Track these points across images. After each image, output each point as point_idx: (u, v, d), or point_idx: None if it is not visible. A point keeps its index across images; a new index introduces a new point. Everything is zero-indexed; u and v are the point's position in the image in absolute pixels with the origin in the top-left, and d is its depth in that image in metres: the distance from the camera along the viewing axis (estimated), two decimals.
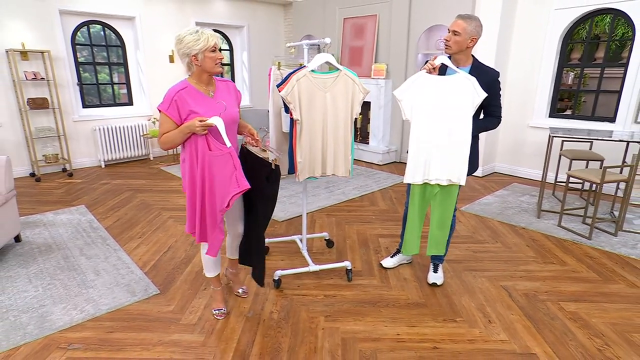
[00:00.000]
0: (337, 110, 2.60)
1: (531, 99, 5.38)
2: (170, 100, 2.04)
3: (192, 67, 2.09)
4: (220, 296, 2.56)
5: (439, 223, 2.58)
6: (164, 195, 4.78)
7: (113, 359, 2.12)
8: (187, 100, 2.06)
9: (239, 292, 2.71)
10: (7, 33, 5.16)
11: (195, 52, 2.02)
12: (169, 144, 2.09)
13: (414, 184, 2.49)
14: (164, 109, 2.05)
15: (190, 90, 2.09)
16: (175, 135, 2.05)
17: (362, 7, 6.53)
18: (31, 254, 3.27)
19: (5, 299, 2.64)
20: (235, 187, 2.12)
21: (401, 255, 3.11)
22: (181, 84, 2.10)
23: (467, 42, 2.42)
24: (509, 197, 4.77)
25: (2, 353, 2.16)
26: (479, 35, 2.45)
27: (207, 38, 2.02)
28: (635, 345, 2.24)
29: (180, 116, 2.06)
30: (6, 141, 5.37)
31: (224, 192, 2.12)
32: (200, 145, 2.05)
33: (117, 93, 6.56)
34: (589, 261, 3.22)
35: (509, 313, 2.53)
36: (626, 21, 4.65)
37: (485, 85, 2.38)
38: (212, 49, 2.05)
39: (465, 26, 2.40)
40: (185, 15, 6.73)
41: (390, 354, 2.16)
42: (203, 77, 2.13)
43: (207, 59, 2.05)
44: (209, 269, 2.48)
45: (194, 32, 2.03)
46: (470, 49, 2.48)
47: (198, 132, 2.00)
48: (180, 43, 2.03)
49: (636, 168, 3.56)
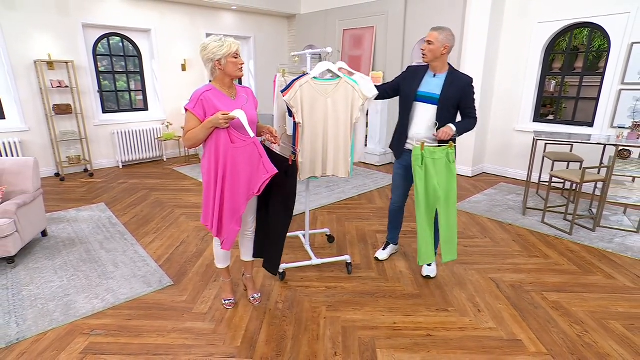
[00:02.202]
0: (338, 115, 2.59)
1: (517, 105, 5.37)
2: (197, 99, 2.05)
3: (215, 71, 2.11)
4: (230, 287, 2.56)
5: (447, 224, 2.56)
6: (177, 194, 4.78)
7: (131, 344, 2.13)
8: (212, 101, 2.07)
9: (252, 298, 2.57)
10: (35, 45, 5.16)
11: (219, 57, 2.04)
12: (193, 140, 2.08)
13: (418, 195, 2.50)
14: (191, 107, 2.05)
15: (215, 92, 2.11)
16: (199, 131, 2.04)
17: (360, 20, 6.52)
18: (56, 247, 3.28)
19: (34, 288, 2.65)
20: (264, 173, 2.14)
21: (392, 247, 3.17)
22: (206, 86, 2.12)
23: (441, 50, 2.49)
24: (497, 195, 4.76)
25: (32, 337, 2.17)
26: (451, 44, 2.51)
27: (229, 45, 2.06)
28: (611, 332, 2.24)
29: (205, 115, 2.06)
30: (34, 144, 5.38)
31: (251, 180, 2.14)
32: (223, 139, 2.05)
33: (134, 99, 6.56)
34: (570, 255, 3.21)
35: (497, 303, 2.53)
36: (602, 34, 4.64)
37: (459, 89, 2.51)
38: (235, 55, 2.08)
39: (437, 36, 2.49)
40: (197, 27, 6.73)
41: (387, 341, 2.16)
42: (226, 81, 2.15)
43: (230, 64, 2.08)
44: (220, 261, 2.47)
45: (217, 40, 2.05)
46: (445, 57, 2.54)
47: (221, 125, 2.01)
48: (205, 49, 2.05)
49: (612, 169, 3.56)
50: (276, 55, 7.98)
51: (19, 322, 2.29)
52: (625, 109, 4.47)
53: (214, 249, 2.45)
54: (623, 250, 3.27)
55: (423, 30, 5.64)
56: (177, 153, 6.91)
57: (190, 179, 5.44)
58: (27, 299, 2.52)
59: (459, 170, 5.73)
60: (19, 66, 5.09)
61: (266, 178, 2.15)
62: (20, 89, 5.15)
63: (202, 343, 2.14)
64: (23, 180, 3.22)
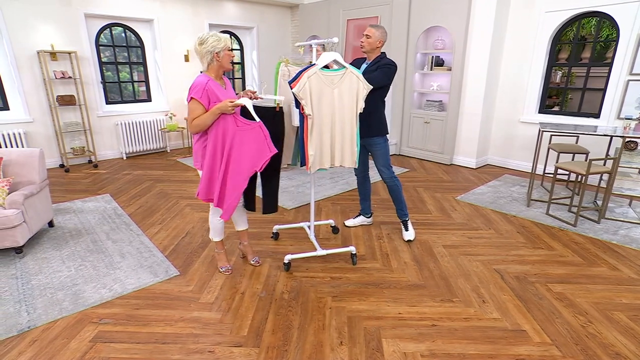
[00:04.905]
0: (344, 105, 2.59)
1: (522, 96, 5.33)
2: (202, 89, 2.26)
3: (212, 63, 2.33)
4: (225, 256, 2.82)
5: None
6: (181, 185, 4.80)
7: (140, 332, 2.16)
8: (214, 90, 2.31)
9: (254, 261, 2.91)
10: (38, 35, 5.15)
11: (218, 50, 2.29)
12: (201, 125, 2.29)
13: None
14: (198, 96, 2.25)
15: (213, 82, 2.34)
16: (207, 117, 2.27)
17: (364, 9, 6.45)
18: (63, 237, 3.31)
19: (42, 278, 2.68)
20: (267, 152, 2.43)
21: (362, 218, 3.60)
22: (205, 77, 2.32)
23: (376, 43, 2.97)
24: (501, 187, 4.75)
25: (43, 325, 2.21)
26: (385, 40, 3.00)
27: (226, 39, 2.32)
28: (615, 322, 2.25)
29: (209, 102, 2.29)
30: (38, 135, 5.39)
31: (255, 158, 2.41)
32: (230, 123, 2.32)
33: (137, 90, 6.55)
34: (574, 246, 3.22)
35: (501, 294, 2.55)
36: (611, 23, 4.58)
37: (377, 67, 2.94)
38: (229, 49, 2.35)
39: (374, 31, 2.95)
40: (200, 17, 6.68)
41: (392, 331, 2.19)
42: (219, 72, 2.40)
43: (226, 56, 2.34)
44: (217, 233, 2.72)
45: (213, 35, 2.29)
46: (379, 49, 3.02)
47: (229, 111, 2.27)
48: (204, 43, 2.27)
49: (619, 160, 3.54)
50: (279, 46, 7.93)
51: (29, 310, 2.32)
52: (632, 100, 4.43)
53: (211, 223, 2.68)
54: (628, 242, 3.28)
55: (428, 20, 5.59)
56: (180, 144, 6.92)
57: (194, 170, 5.46)
58: (36, 288, 2.56)
59: (463, 161, 5.72)
60: (22, 57, 5.08)
61: (269, 156, 2.43)
62: (23, 80, 5.15)
63: (209, 332, 2.17)
64: (29, 171, 3.24)
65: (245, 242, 2.94)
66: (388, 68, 2.91)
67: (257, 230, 3.49)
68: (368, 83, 2.62)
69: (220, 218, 2.55)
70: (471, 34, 5.24)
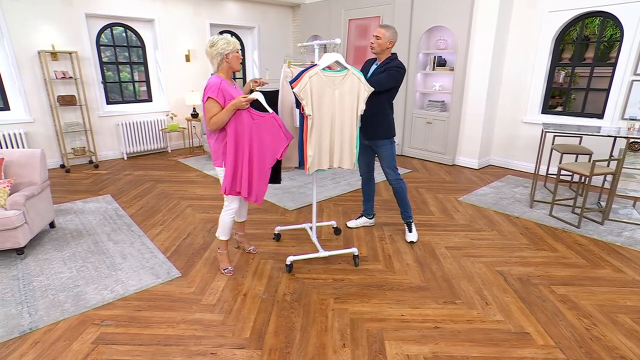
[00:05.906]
0: (344, 107, 2.59)
1: (525, 96, 5.32)
2: (217, 89, 2.40)
3: (222, 64, 2.47)
4: (227, 257, 2.86)
5: None
6: (182, 186, 4.81)
7: (142, 334, 2.17)
8: (227, 89, 2.44)
9: (250, 250, 3.09)
10: (39, 36, 5.16)
11: (227, 52, 2.44)
12: (218, 123, 2.41)
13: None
14: (214, 95, 2.38)
15: (225, 82, 2.47)
16: (224, 114, 2.39)
17: (366, 9, 6.45)
18: (64, 238, 3.32)
19: (44, 279, 2.69)
20: (284, 141, 2.58)
21: (364, 219, 3.60)
22: (218, 77, 2.45)
23: (387, 44, 2.94)
24: (504, 188, 4.75)
25: (44, 327, 2.22)
26: (395, 40, 2.97)
27: (234, 42, 2.47)
28: (619, 325, 2.25)
29: (224, 101, 2.42)
30: (39, 135, 5.41)
31: (274, 147, 2.56)
32: (246, 118, 2.45)
33: (138, 90, 6.56)
34: (578, 248, 3.21)
35: (504, 296, 2.55)
36: (615, 23, 4.57)
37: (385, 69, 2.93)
38: (237, 51, 2.49)
39: (384, 32, 2.92)
40: (201, 17, 6.69)
41: (395, 333, 2.19)
42: (229, 73, 2.55)
43: (235, 58, 2.49)
44: (226, 232, 2.76)
45: (222, 38, 2.43)
46: (389, 50, 2.99)
47: (243, 106, 2.39)
48: (214, 45, 2.42)
49: (623, 161, 3.54)
50: (280, 46, 7.94)
51: (30, 312, 2.33)
52: (637, 101, 4.42)
53: (222, 220, 2.72)
54: (632, 243, 3.27)
55: (430, 20, 5.59)
56: (181, 144, 6.93)
57: (195, 171, 5.47)
58: (37, 289, 2.56)
59: (466, 162, 5.72)
60: (23, 57, 5.09)
61: (286, 144, 2.58)
62: (24, 80, 5.16)
63: (211, 334, 2.17)
64: (30, 171, 3.25)
65: (242, 232, 3.10)
66: (395, 71, 2.90)
67: (259, 232, 3.49)
68: (370, 85, 2.63)
69: (254, 201, 2.60)
70: (474, 34, 5.23)
